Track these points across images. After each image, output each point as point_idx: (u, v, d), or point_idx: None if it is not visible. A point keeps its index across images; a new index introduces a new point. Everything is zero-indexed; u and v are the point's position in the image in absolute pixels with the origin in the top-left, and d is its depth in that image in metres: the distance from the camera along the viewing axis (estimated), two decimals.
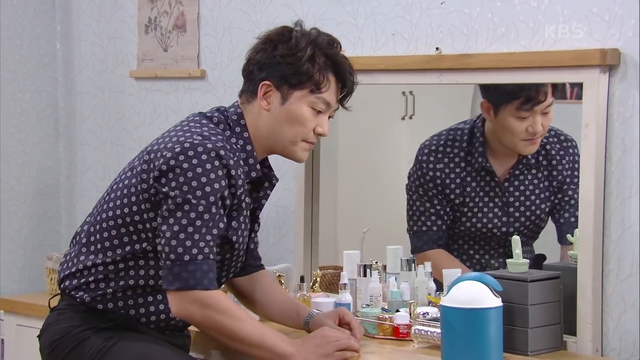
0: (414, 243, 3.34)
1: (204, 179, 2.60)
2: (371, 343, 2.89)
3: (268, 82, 2.72)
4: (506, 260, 2.85)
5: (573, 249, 2.93)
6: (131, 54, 4.09)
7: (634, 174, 2.79)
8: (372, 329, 2.96)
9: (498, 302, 2.60)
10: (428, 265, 3.11)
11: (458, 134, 3.30)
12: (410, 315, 2.93)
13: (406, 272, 3.14)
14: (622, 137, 2.80)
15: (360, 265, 3.19)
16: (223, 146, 2.64)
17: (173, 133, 2.70)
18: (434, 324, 2.80)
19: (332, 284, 3.38)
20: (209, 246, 2.60)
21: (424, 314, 2.90)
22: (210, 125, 2.72)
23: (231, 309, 2.64)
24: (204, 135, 2.65)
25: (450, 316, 2.59)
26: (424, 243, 3.32)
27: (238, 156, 2.70)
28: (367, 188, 3.64)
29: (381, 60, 3.25)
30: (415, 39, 3.22)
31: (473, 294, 2.58)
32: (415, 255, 3.26)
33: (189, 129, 2.69)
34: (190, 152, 2.61)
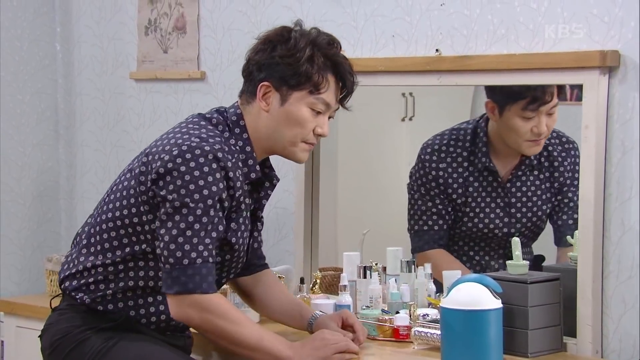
0: (414, 242, 3.33)
1: (201, 182, 2.59)
2: (371, 345, 2.88)
3: (267, 83, 2.71)
4: (506, 262, 2.84)
5: (573, 251, 2.92)
6: (131, 55, 4.09)
7: (633, 175, 2.78)
8: (372, 330, 2.95)
9: (498, 304, 2.59)
10: (428, 266, 3.11)
11: (461, 133, 3.29)
12: (410, 316, 2.93)
13: (406, 274, 3.14)
14: (622, 139, 2.80)
15: (360, 267, 3.19)
16: (221, 148, 2.63)
17: (171, 135, 2.69)
18: (434, 325, 2.80)
19: (332, 285, 3.38)
20: (208, 249, 2.60)
21: (424, 315, 2.90)
22: (209, 126, 2.71)
23: (230, 313, 2.63)
24: (202, 137, 2.64)
25: (450, 318, 2.59)
26: (424, 243, 3.31)
27: (237, 157, 2.69)
28: (367, 189, 3.64)
29: (381, 62, 3.25)
30: (415, 40, 3.22)
31: (473, 295, 2.58)
32: (416, 255, 3.26)
33: (187, 130, 2.68)
34: (187, 155, 2.60)
